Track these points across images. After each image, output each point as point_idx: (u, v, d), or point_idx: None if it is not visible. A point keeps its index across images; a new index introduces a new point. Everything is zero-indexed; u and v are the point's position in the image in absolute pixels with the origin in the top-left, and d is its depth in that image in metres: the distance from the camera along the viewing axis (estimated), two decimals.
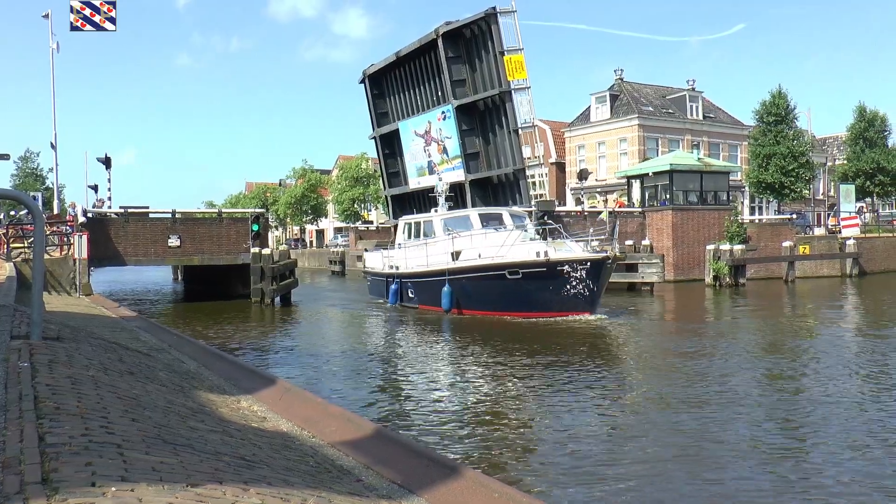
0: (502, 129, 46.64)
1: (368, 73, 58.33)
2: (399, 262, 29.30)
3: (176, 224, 32.89)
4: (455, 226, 26.93)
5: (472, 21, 46.10)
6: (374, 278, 33.34)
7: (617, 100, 59.70)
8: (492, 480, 5.32)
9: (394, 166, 59.24)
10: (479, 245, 24.80)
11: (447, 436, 9.97)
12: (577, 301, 22.91)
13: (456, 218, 27.92)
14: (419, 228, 29.22)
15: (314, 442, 6.60)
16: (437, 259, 26.06)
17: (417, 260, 27.47)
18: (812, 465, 8.64)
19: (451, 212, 29.56)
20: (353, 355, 17.55)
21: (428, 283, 26.53)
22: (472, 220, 26.81)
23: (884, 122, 53.90)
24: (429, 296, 26.54)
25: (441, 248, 26.13)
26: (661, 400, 12.23)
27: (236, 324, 24.61)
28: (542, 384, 13.67)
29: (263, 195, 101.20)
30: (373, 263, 33.51)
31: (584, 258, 22.65)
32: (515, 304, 23.67)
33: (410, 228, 30.27)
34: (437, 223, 27.94)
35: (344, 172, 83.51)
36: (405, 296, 28.70)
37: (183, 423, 5.61)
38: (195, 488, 3.60)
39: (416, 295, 27.92)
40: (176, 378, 8.74)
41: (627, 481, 7.90)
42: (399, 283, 28.90)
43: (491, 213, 28.34)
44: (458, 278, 24.85)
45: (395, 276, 29.35)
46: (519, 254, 23.23)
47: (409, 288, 28.45)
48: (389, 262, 30.57)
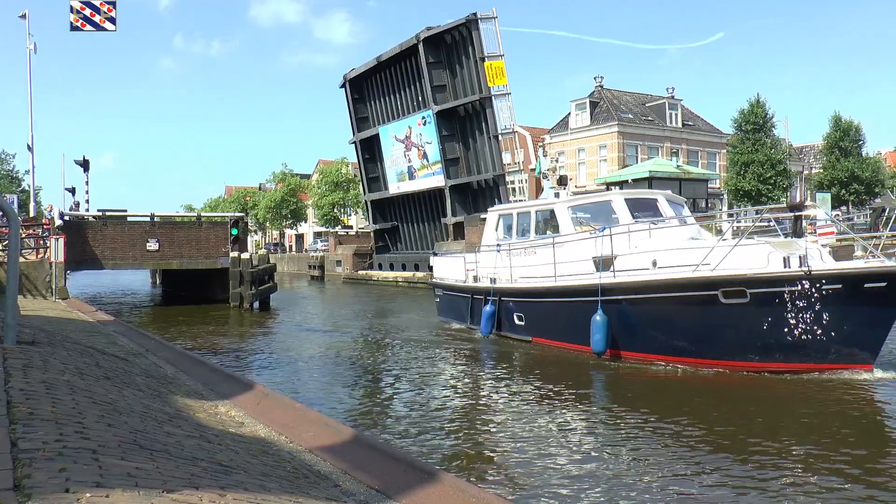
0: (482, 135, 46.82)
1: (349, 77, 58.35)
2: (496, 272, 20.27)
3: (155, 227, 32.73)
4: (589, 215, 18.44)
5: (453, 27, 46.25)
6: (447, 293, 24.22)
7: (597, 107, 59.98)
8: (470, 486, 5.33)
9: (374, 171, 59.26)
10: (642, 245, 16.01)
11: (427, 442, 9.95)
12: (851, 345, 13.43)
13: (591, 205, 18.85)
14: (527, 222, 20.08)
15: (292, 447, 6.58)
16: (570, 268, 17.14)
17: (530, 269, 18.86)
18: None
19: (580, 196, 20.81)
20: (333, 360, 17.50)
21: (553, 307, 17.74)
22: (616, 208, 17.60)
23: (858, 132, 54.53)
24: (553, 325, 17.80)
25: (574, 252, 17.18)
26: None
27: (215, 328, 24.46)
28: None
29: (243, 199, 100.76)
30: (446, 272, 24.58)
31: (877, 271, 12.94)
32: (732, 347, 14.32)
33: (511, 222, 20.94)
34: (562, 213, 18.54)
35: (324, 177, 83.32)
36: (507, 322, 19.68)
37: (160, 429, 5.57)
38: (171, 494, 3.58)
39: (530, 322, 18.74)
40: (153, 383, 8.68)
41: (608, 492, 7.90)
42: (497, 302, 19.78)
43: (640, 197, 18.62)
44: (618, 300, 15.61)
45: (489, 293, 20.12)
46: (749, 262, 13.99)
47: (514, 311, 19.28)
48: (478, 272, 21.69)
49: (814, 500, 7.43)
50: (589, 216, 18.37)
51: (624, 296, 15.55)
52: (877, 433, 10.42)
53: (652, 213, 17.71)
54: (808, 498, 7.48)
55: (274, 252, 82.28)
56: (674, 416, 11.00)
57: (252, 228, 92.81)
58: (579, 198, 19.92)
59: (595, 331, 15.49)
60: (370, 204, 60.06)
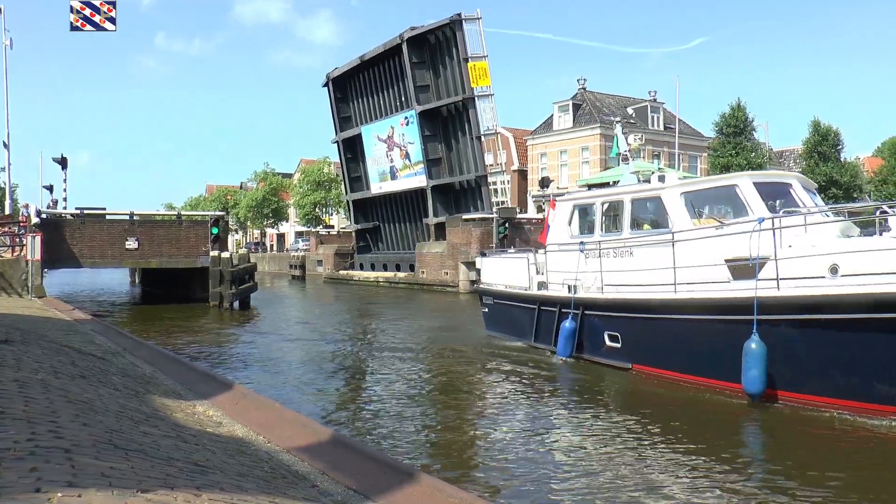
0: (465, 136, 46.85)
1: (332, 76, 58.23)
2: (577, 277, 16.10)
3: (134, 226, 32.50)
4: (708, 204, 14.23)
5: (437, 27, 46.25)
6: (500, 303, 19.71)
7: (579, 109, 60.15)
8: (448, 486, 5.31)
9: (356, 171, 59.17)
10: (819, 245, 11.57)
11: (405, 442, 9.93)
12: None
13: (710, 191, 14.31)
14: (619, 214, 15.64)
15: (269, 447, 6.54)
16: (690, 274, 13.22)
17: (625, 275, 14.91)
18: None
19: (695, 180, 15.75)
20: (313, 360, 17.42)
21: (671, 327, 13.36)
22: (745, 195, 13.26)
23: (837, 137, 54.98)
24: (670, 351, 13.59)
25: (695, 253, 13.27)
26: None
27: (194, 327, 24.31)
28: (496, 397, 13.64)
29: (224, 198, 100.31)
30: (500, 276, 19.98)
31: None
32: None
33: (593, 215, 16.48)
34: (674, 202, 14.18)
35: (306, 176, 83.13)
36: (592, 343, 15.67)
37: (136, 428, 5.52)
38: (146, 494, 3.54)
39: (630, 345, 14.61)
40: (130, 382, 8.61)
41: (587, 493, 7.91)
42: (580, 318, 15.75)
43: (771, 181, 14.13)
44: (786, 322, 11.45)
45: (569, 305, 16.02)
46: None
47: (604, 329, 15.26)
48: (547, 277, 17.64)
49: None
50: (706, 206, 14.16)
51: (798, 315, 11.22)
52: None
53: (786, 201, 13.33)
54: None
55: (255, 251, 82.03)
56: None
57: (233, 227, 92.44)
58: (694, 182, 15.03)
59: (751, 364, 11.28)
60: (352, 204, 59.95)
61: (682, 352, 13.27)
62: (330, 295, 44.31)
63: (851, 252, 11.00)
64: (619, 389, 13.51)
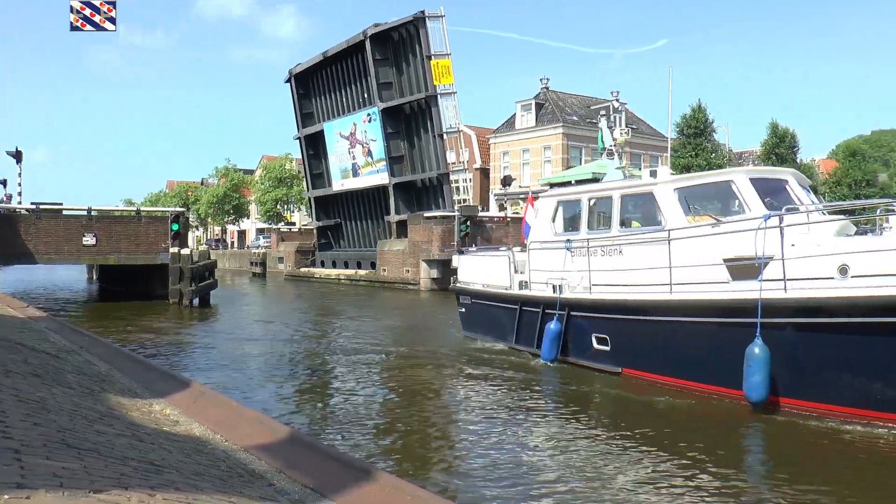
0: (427, 134, 46.90)
1: (295, 72, 57.89)
2: (563, 277, 15.49)
3: (92, 222, 32.03)
4: (701, 200, 13.81)
5: (401, 24, 46.22)
6: (479, 302, 19.09)
7: (542, 108, 60.45)
8: (405, 483, 5.31)
9: (318, 168, 58.91)
10: (825, 244, 11.04)
11: (368, 442, 9.93)
12: None
13: (704, 187, 13.81)
14: (607, 210, 15.16)
15: (227, 446, 6.48)
16: (686, 274, 12.62)
17: (613, 274, 14.31)
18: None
19: (689, 176, 14.71)
20: (273, 358, 17.31)
21: (667, 329, 12.82)
22: (741, 191, 12.74)
23: (794, 139, 55.86)
24: (665, 355, 13.02)
25: (690, 251, 12.70)
26: None
27: (153, 325, 24.03)
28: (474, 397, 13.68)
29: (185, 194, 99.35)
30: (479, 275, 19.25)
31: None
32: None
33: (578, 211, 16.03)
34: (667, 198, 13.63)
35: (267, 173, 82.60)
36: (578, 345, 15.06)
37: (90, 427, 5.44)
38: (98, 494, 3.50)
39: (620, 347, 14.03)
40: (86, 381, 8.49)
41: (543, 488, 7.96)
42: (565, 319, 15.15)
43: (767, 177, 13.56)
44: (793, 325, 10.87)
45: (553, 305, 15.36)
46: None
47: (591, 331, 14.67)
48: (529, 276, 16.84)
49: None
50: (699, 203, 13.70)
51: (807, 318, 10.62)
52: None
53: (782, 198, 12.85)
54: None
55: (215, 248, 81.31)
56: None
57: (193, 224, 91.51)
58: (688, 177, 14.34)
59: (754, 369, 10.71)
60: (313, 201, 59.67)
61: (678, 356, 12.67)
62: (291, 292, 44.06)
63: (863, 252, 10.49)
64: (608, 394, 12.96)
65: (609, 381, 13.64)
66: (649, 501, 7.53)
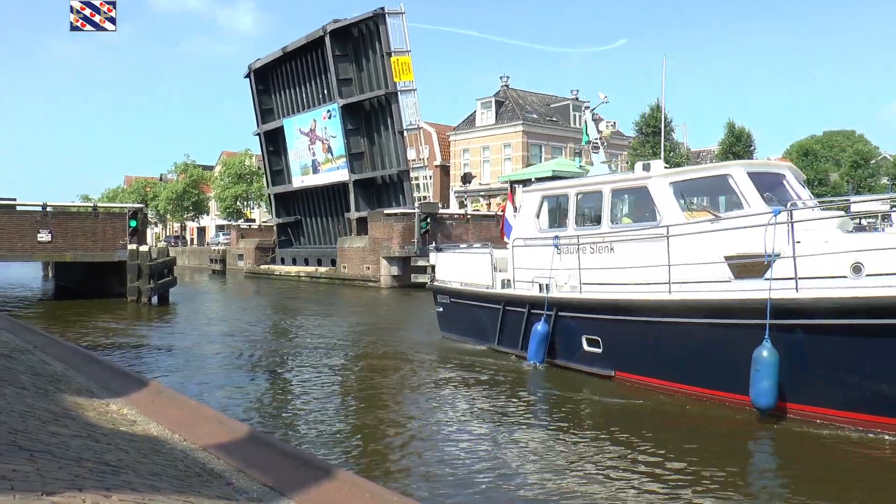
0: (388, 131, 46.83)
1: (254, 67, 57.41)
2: (551, 275, 14.71)
3: (47, 218, 31.44)
4: (697, 195, 13.51)
5: (361, 20, 46.04)
6: (458, 302, 18.36)
7: (502, 106, 60.67)
8: (365, 481, 5.32)
9: (278, 164, 58.51)
10: (835, 241, 10.59)
11: (326, 439, 9.91)
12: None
13: (700, 181, 13.19)
14: (597, 206, 14.41)
15: (185, 445, 6.44)
16: (684, 273, 11.93)
17: (612, 272, 13.42)
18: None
19: (684, 170, 13.72)
20: (233, 357, 17.18)
21: (664, 331, 12.18)
22: (738, 186, 12.17)
23: (749, 138, 56.73)
24: (662, 358, 12.37)
25: (689, 248, 11.96)
26: None
27: (110, 323, 23.69)
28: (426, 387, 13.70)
29: (143, 190, 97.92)
30: (458, 273, 18.53)
31: None
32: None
33: (564, 206, 15.30)
34: (662, 192, 12.96)
35: (227, 168, 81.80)
36: (567, 347, 14.38)
37: (43, 428, 5.37)
38: (52, 497, 3.46)
39: (613, 350, 13.36)
40: (40, 381, 8.36)
41: (502, 485, 8.02)
42: (552, 320, 14.46)
43: (765, 171, 13.00)
44: (805, 327, 10.22)
45: (541, 305, 14.69)
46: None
47: (581, 332, 13.99)
48: (513, 275, 16.15)
49: None
50: (695, 197, 13.26)
51: (821, 320, 9.95)
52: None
53: (780, 193, 12.48)
54: None
55: (174, 245, 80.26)
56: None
57: (152, 220, 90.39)
58: (683, 171, 13.51)
59: (762, 374, 10.08)
60: (273, 197, 59.24)
61: (677, 359, 11.99)
62: (250, 290, 43.73)
63: (878, 249, 9.90)
64: (600, 399, 12.23)
65: (601, 385, 13.01)
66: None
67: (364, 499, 4.83)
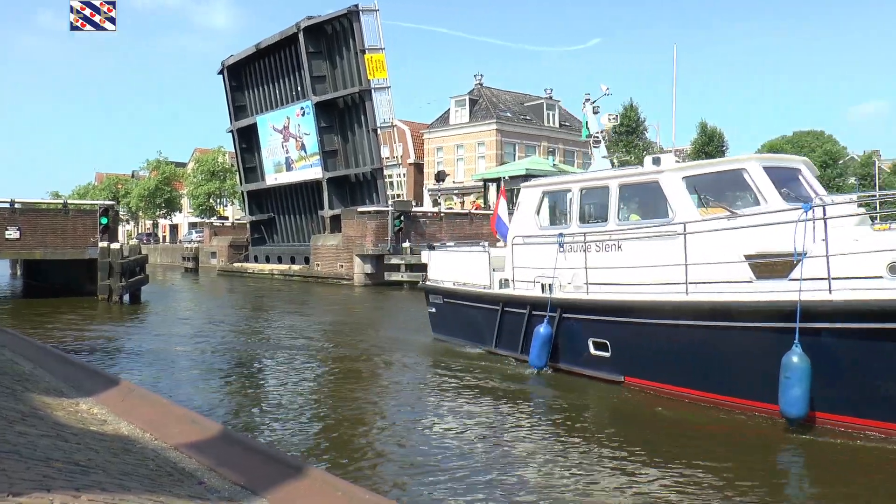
0: (361, 128, 46.74)
1: (227, 64, 57.03)
2: (555, 275, 13.84)
3: (15, 214, 31.04)
4: (710, 190, 12.28)
5: (335, 17, 45.88)
6: (452, 302, 17.62)
7: (476, 104, 60.76)
8: (336, 479, 5.33)
9: (251, 161, 58.19)
10: (865, 240, 9.97)
11: (297, 437, 9.89)
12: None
13: (713, 176, 12.34)
14: (602, 202, 13.60)
15: (156, 445, 6.41)
16: (707, 272, 11.13)
17: (620, 272, 12.63)
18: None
19: (697, 164, 13.01)
20: (205, 356, 17.07)
21: (681, 334, 11.37)
22: (754, 179, 11.53)
23: (721, 138, 57.25)
24: (677, 363, 11.55)
25: (704, 247, 11.25)
26: None
27: (80, 322, 23.45)
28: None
29: (115, 187, 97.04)
30: (453, 272, 17.75)
31: None
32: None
33: (567, 203, 14.61)
34: (674, 187, 12.25)
35: (200, 166, 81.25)
36: (572, 351, 13.55)
37: (10, 428, 5.33)
38: (18, 497, 3.44)
39: (622, 354, 12.57)
40: (7, 380, 8.28)
41: (476, 482, 8.04)
42: (556, 322, 13.60)
43: (780, 165, 12.49)
44: (829, 330, 9.55)
45: (543, 306, 13.85)
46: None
47: (588, 336, 13.15)
48: (511, 275, 15.32)
49: None
50: (709, 193, 12.28)
51: (858, 324, 9.25)
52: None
53: (797, 188, 11.86)
54: None
55: (147, 243, 79.49)
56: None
57: (123, 217, 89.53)
58: (696, 165, 12.79)
59: (793, 381, 9.33)
60: (246, 195, 58.89)
61: (694, 364, 11.21)
62: (223, 288, 43.47)
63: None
64: (609, 406, 11.60)
65: (609, 391, 12.26)
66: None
67: (336, 497, 4.85)
